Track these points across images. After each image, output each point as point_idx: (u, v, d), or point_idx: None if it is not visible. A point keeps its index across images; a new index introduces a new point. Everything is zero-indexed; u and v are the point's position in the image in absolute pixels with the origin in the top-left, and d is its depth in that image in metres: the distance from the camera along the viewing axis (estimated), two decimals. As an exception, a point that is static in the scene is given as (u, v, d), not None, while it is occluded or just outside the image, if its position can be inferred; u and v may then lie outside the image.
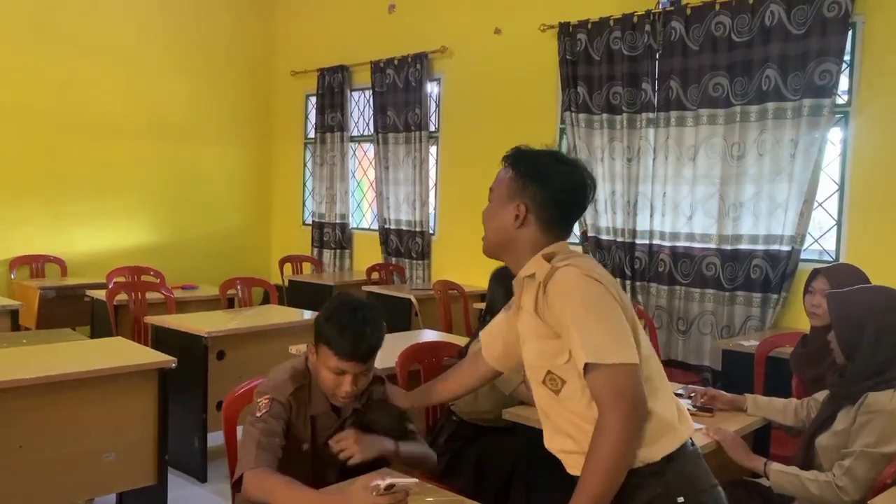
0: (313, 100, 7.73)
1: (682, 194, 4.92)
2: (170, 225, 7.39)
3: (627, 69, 5.11)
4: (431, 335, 4.06)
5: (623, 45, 5.11)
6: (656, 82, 5.03)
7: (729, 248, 4.71)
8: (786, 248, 4.48)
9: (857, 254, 4.25)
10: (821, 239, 4.61)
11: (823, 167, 4.44)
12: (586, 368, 1.58)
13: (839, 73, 4.26)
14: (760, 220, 4.59)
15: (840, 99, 4.38)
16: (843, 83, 4.37)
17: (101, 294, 5.13)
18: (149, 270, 6.30)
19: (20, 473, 2.75)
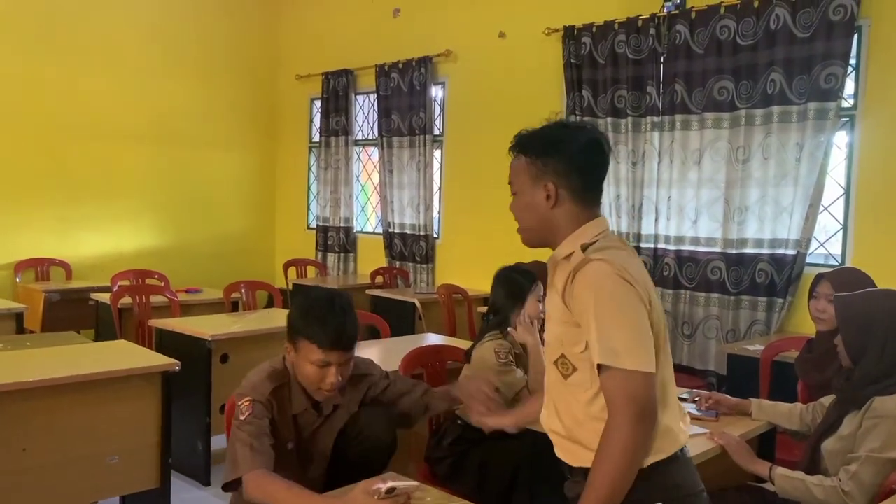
0: (318, 103, 7.75)
1: (687, 198, 4.91)
2: (174, 229, 7.41)
3: (632, 73, 5.10)
4: (435, 339, 4.06)
5: (628, 49, 5.10)
6: (661, 86, 5.02)
7: (734, 252, 4.69)
8: (791, 252, 4.46)
9: (863, 258, 4.23)
10: (826, 243, 4.60)
11: (829, 171, 4.43)
12: (601, 368, 1.57)
13: (845, 76, 4.25)
14: (766, 224, 4.58)
15: (846, 102, 4.36)
16: (849, 87, 4.36)
17: (105, 297, 5.14)
18: (153, 274, 6.31)
19: (24, 476, 2.75)
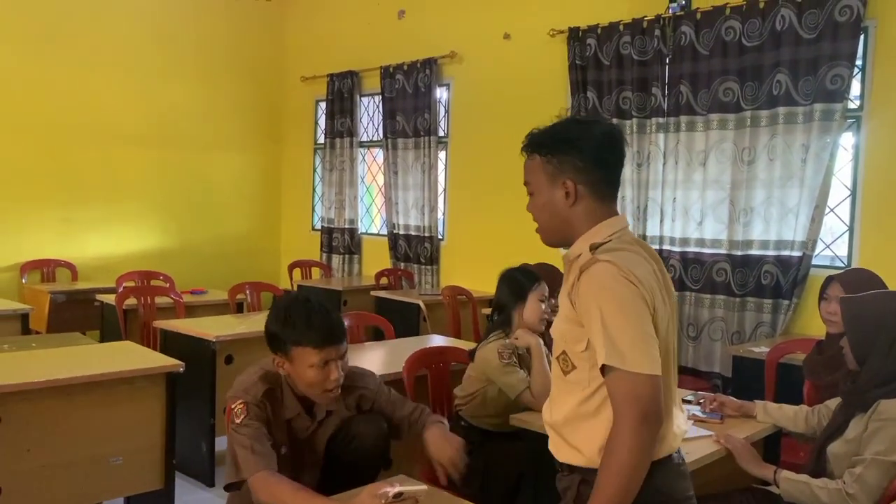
0: (323, 105, 7.75)
1: (693, 199, 4.89)
2: (179, 230, 7.42)
3: (637, 74, 5.09)
4: (440, 340, 4.05)
5: (633, 50, 5.09)
6: (666, 87, 5.01)
7: (739, 253, 4.68)
8: (797, 253, 4.45)
9: (869, 259, 4.20)
10: (833, 244, 4.58)
11: (835, 172, 4.41)
12: (605, 370, 1.56)
13: (851, 77, 4.23)
14: (771, 226, 4.56)
15: (852, 103, 4.34)
16: (855, 87, 4.34)
17: (110, 298, 5.15)
18: (158, 275, 6.32)
19: (28, 477, 2.76)
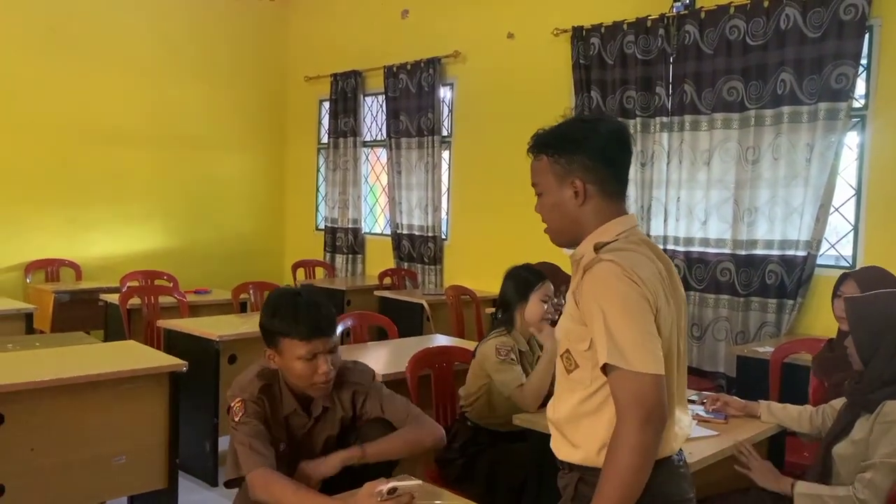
0: (327, 105, 7.76)
1: (697, 199, 4.88)
2: (183, 230, 7.43)
3: (641, 73, 5.08)
4: (443, 340, 4.05)
5: (637, 49, 5.08)
6: (670, 86, 5.00)
7: (744, 253, 4.66)
8: (801, 253, 4.43)
9: (874, 259, 4.17)
10: (837, 244, 4.56)
11: (840, 172, 4.40)
12: (607, 369, 1.56)
13: (856, 76, 4.21)
14: (776, 225, 4.54)
15: (857, 103, 4.33)
16: (860, 87, 4.33)
17: (114, 298, 5.15)
18: (162, 275, 6.33)
19: (31, 476, 2.76)
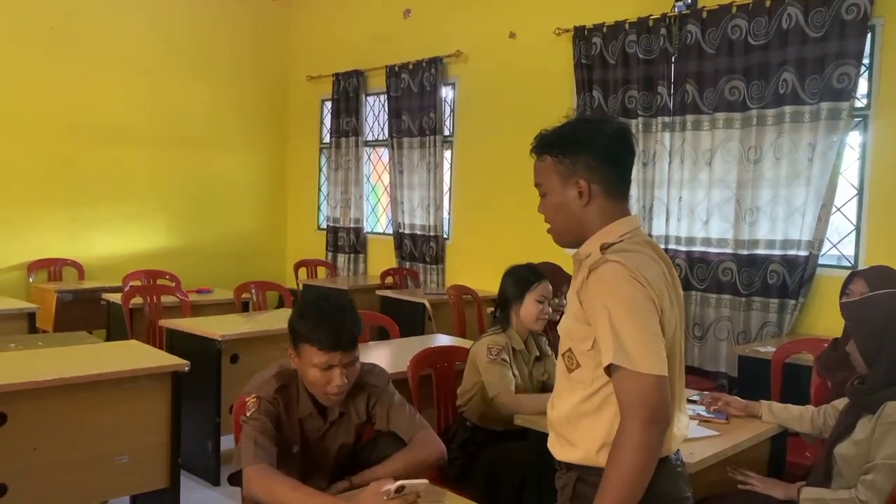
0: (328, 104, 7.76)
1: (698, 199, 4.88)
2: (185, 229, 7.43)
3: (643, 73, 5.08)
4: (445, 340, 4.05)
5: (638, 49, 5.08)
6: (672, 86, 5.00)
7: (745, 253, 4.66)
8: (803, 253, 4.43)
9: (876, 259, 4.17)
10: (839, 244, 4.56)
11: (842, 171, 4.39)
12: (611, 369, 1.56)
13: (858, 76, 4.21)
14: (777, 225, 4.54)
15: (859, 102, 4.33)
16: (862, 86, 4.32)
17: (116, 297, 5.17)
18: (164, 274, 6.33)
19: (34, 475, 2.77)
